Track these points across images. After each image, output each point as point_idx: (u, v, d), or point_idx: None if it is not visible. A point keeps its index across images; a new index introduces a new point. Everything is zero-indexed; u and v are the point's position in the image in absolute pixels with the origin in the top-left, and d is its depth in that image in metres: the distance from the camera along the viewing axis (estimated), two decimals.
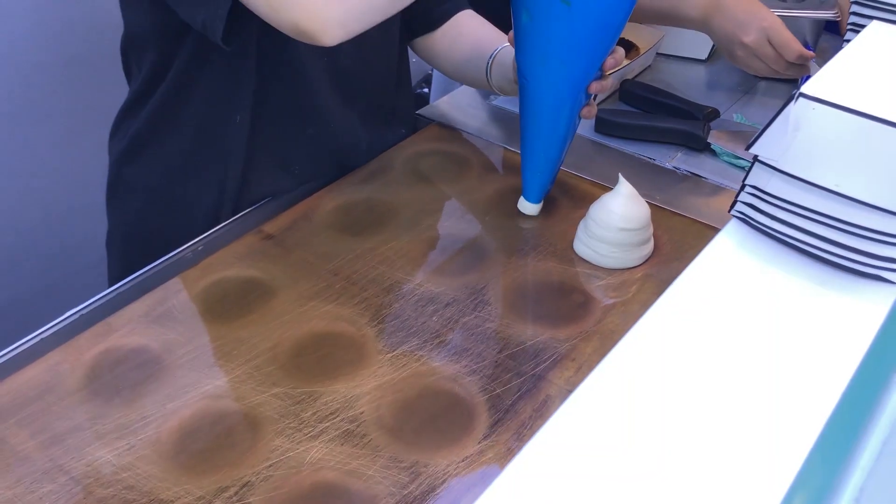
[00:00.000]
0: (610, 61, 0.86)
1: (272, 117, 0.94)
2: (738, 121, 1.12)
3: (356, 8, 0.75)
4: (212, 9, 0.77)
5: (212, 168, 0.95)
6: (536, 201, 0.94)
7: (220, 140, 0.94)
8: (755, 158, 0.58)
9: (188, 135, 0.94)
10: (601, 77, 0.88)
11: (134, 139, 0.97)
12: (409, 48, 1.11)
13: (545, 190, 0.95)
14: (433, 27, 1.05)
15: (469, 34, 1.04)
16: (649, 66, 1.25)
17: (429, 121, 1.13)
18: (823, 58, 1.20)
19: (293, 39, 0.88)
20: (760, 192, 0.58)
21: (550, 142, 0.91)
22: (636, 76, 1.21)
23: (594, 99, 0.92)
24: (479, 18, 1.05)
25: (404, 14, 1.00)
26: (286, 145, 0.97)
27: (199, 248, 0.89)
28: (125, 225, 1.02)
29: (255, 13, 0.77)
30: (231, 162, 0.94)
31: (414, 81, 2.22)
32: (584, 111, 0.90)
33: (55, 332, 0.78)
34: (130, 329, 0.79)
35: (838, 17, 1.15)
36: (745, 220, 0.60)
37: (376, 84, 1.03)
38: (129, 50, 0.96)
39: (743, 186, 0.60)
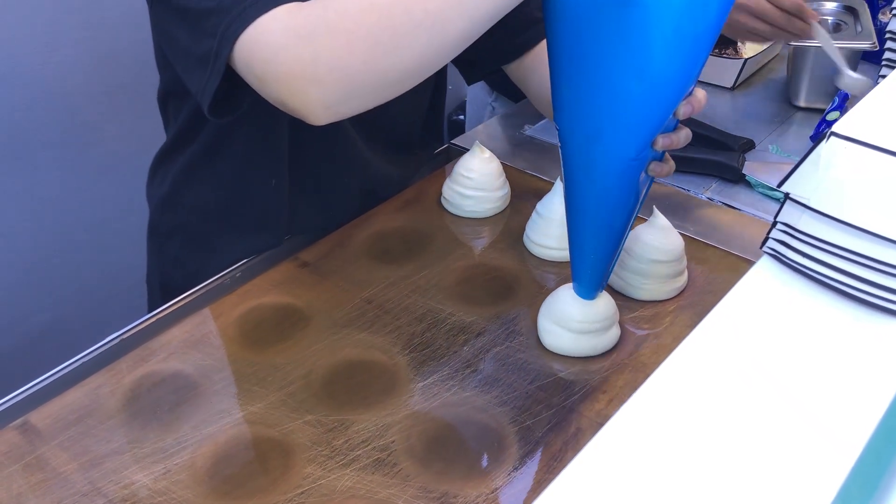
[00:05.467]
0: (685, 108, 0.66)
1: (309, 171, 0.94)
2: (773, 152, 1.12)
3: (338, 91, 0.70)
4: (202, 81, 0.74)
5: (250, 218, 0.95)
6: (591, 297, 0.77)
7: (258, 192, 0.93)
8: (786, 196, 0.58)
9: (225, 186, 0.94)
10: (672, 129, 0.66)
11: (171, 187, 0.97)
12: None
13: (602, 282, 0.77)
14: (513, 57, 0.99)
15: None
16: None
17: (463, 150, 1.14)
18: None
19: None
20: (792, 230, 0.58)
21: (604, 227, 0.71)
22: None
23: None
24: None
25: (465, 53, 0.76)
26: (326, 195, 0.96)
27: (237, 275, 0.90)
28: (162, 268, 1.03)
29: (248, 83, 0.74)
30: (271, 214, 0.94)
31: (449, 108, 2.22)
32: (653, 168, 0.70)
33: (96, 356, 0.80)
34: (168, 354, 0.81)
35: (875, 47, 1.14)
36: (777, 257, 0.60)
37: (402, 128, 1.03)
38: (166, 102, 0.97)
39: (774, 223, 0.60)
